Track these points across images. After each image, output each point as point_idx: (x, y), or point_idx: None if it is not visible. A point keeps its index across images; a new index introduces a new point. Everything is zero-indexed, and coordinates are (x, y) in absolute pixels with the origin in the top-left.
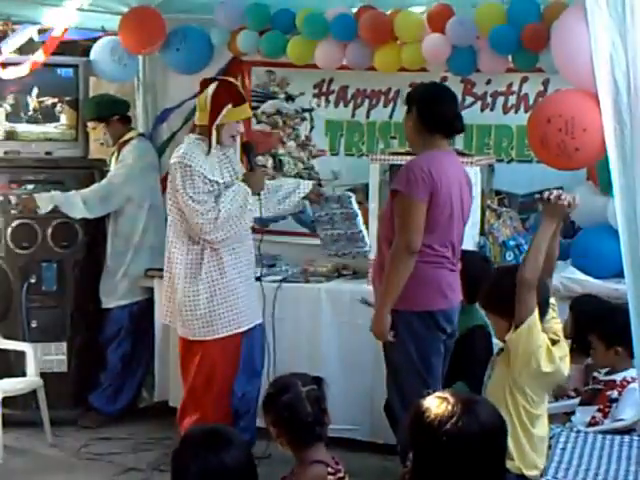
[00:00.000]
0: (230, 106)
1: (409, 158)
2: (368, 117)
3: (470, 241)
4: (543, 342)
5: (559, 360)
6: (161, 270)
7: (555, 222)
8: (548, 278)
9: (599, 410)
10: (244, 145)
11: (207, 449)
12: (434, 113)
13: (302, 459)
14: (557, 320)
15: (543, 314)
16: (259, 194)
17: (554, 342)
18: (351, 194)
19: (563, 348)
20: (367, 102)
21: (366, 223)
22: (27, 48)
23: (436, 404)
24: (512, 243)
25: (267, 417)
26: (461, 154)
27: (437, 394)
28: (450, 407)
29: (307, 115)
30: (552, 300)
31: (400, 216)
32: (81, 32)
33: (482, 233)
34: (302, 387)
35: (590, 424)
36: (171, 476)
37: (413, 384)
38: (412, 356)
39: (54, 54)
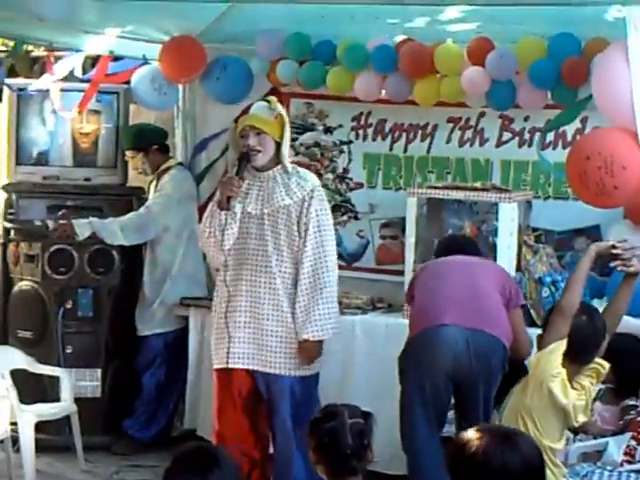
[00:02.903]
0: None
1: (446, 192)
2: (406, 151)
3: None
4: (561, 375)
5: (573, 402)
6: (196, 299)
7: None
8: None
9: (633, 437)
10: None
11: (194, 469)
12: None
13: None
14: (593, 381)
15: (587, 362)
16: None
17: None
18: None
19: (581, 398)
20: (405, 136)
21: (403, 257)
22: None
23: (477, 437)
24: (548, 279)
25: (309, 441)
26: (498, 189)
27: (476, 427)
28: (492, 441)
29: (345, 148)
30: (603, 365)
31: None
32: (123, 65)
33: (518, 269)
34: (348, 418)
35: (625, 453)
36: None
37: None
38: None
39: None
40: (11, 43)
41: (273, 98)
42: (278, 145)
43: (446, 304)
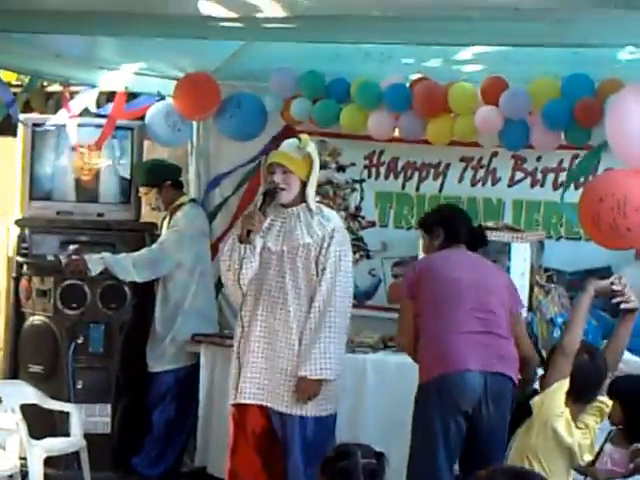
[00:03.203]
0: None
1: None
2: (418, 190)
3: None
4: (565, 414)
5: (578, 441)
6: (208, 336)
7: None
8: (610, 370)
9: None
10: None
11: None
12: (468, 231)
13: None
14: (597, 420)
15: (590, 400)
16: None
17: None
18: None
19: (586, 437)
20: (417, 175)
21: None
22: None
23: (489, 477)
24: (560, 320)
25: (321, 479)
26: (510, 229)
27: (488, 468)
28: None
29: (357, 186)
30: (606, 403)
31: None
32: (138, 103)
33: (530, 309)
34: (361, 458)
35: None
36: None
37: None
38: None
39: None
40: (26, 78)
41: (305, 137)
42: (304, 183)
43: (467, 347)
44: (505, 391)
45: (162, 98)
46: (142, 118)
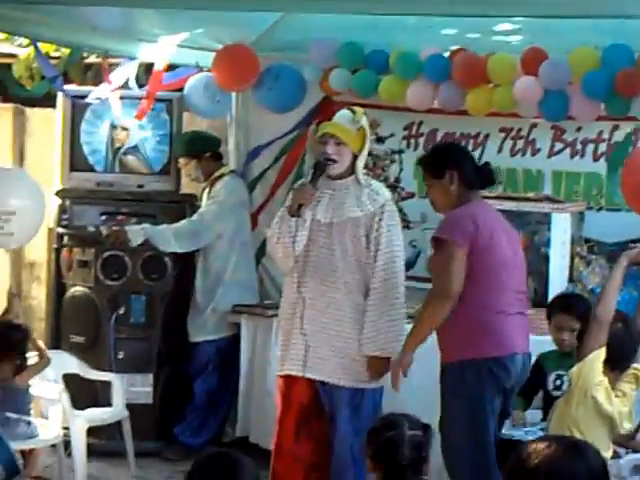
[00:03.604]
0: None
1: (499, 202)
2: None
3: (559, 288)
4: (604, 382)
5: (618, 409)
6: (249, 306)
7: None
8: None
9: None
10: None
11: (211, 474)
12: (477, 172)
13: None
14: (633, 387)
15: (626, 368)
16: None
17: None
18: None
19: (625, 404)
20: None
21: None
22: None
23: (544, 446)
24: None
25: (367, 449)
26: (551, 200)
27: (539, 438)
28: (561, 450)
29: (396, 157)
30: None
31: (438, 262)
32: (176, 74)
33: (571, 280)
34: (407, 429)
35: None
36: None
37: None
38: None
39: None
40: (65, 49)
41: (359, 109)
42: (355, 156)
43: (515, 330)
44: (529, 369)
45: (201, 70)
46: (181, 90)
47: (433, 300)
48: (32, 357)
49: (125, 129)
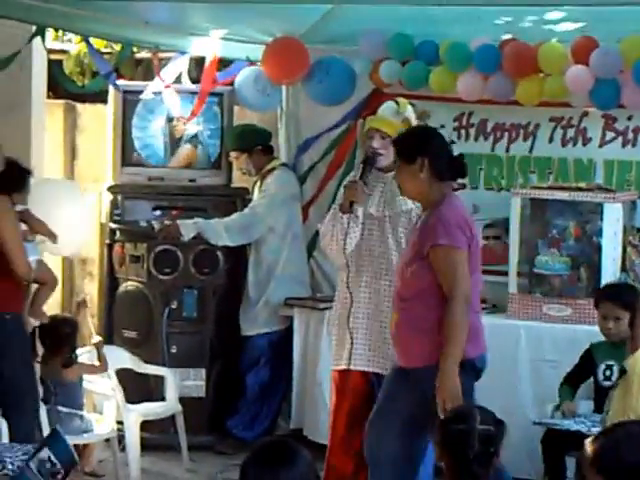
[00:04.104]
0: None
1: (551, 192)
2: (508, 151)
3: (611, 278)
4: None
5: None
6: (301, 299)
7: None
8: None
9: None
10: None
11: (267, 463)
12: (449, 161)
13: None
14: None
15: None
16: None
17: None
18: None
19: None
20: (507, 136)
21: (506, 258)
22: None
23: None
24: None
25: (437, 435)
26: (602, 189)
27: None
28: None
29: None
30: None
31: (449, 269)
32: (229, 72)
33: (623, 269)
34: (479, 423)
35: None
36: None
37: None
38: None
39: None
40: (116, 45)
41: (403, 100)
42: None
43: (481, 327)
44: None
45: (251, 63)
46: (231, 83)
47: (458, 308)
48: (82, 354)
49: (182, 121)
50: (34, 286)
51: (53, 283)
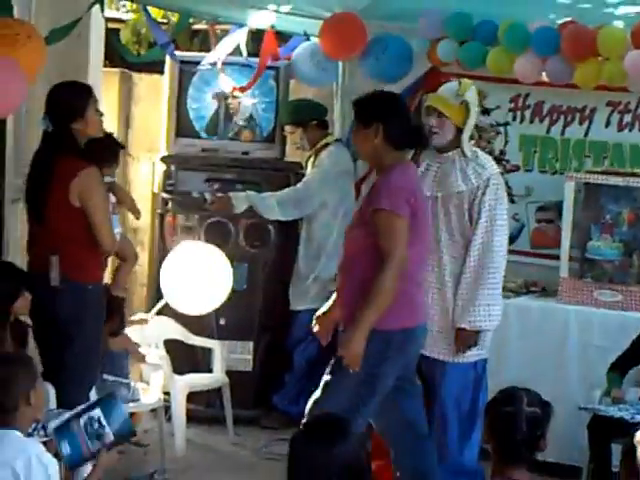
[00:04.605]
0: None
1: (606, 177)
2: (563, 134)
3: None
4: None
5: None
6: None
7: None
8: None
9: None
10: None
11: (318, 438)
12: (403, 128)
13: (501, 473)
14: None
15: None
16: None
17: None
18: None
19: None
20: (562, 119)
21: (558, 241)
22: None
23: None
24: None
25: (485, 419)
26: None
27: None
28: None
29: (502, 129)
30: None
31: (387, 234)
32: (287, 49)
33: None
34: (526, 405)
35: None
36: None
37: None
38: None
39: (257, 55)
40: (172, 16)
41: (466, 82)
42: (460, 130)
43: (421, 298)
44: None
45: (307, 38)
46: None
47: (391, 275)
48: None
49: (236, 96)
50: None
51: (134, 258)
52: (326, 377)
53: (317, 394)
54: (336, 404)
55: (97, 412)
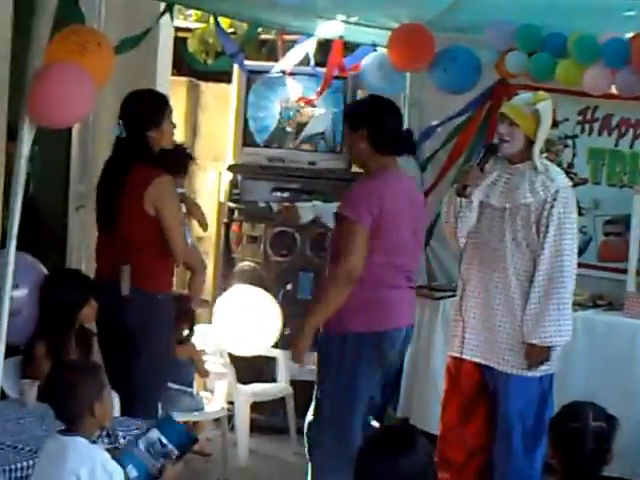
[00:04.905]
0: None
1: None
2: (632, 147)
3: None
4: None
5: None
6: (417, 288)
7: None
8: None
9: None
10: (488, 145)
11: (384, 449)
12: (388, 134)
13: None
14: None
15: None
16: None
17: None
18: None
19: None
20: (632, 132)
21: (626, 255)
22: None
23: None
24: None
25: (550, 435)
26: None
27: None
28: None
29: (570, 142)
30: None
31: (344, 241)
32: (354, 59)
33: None
34: (592, 421)
35: None
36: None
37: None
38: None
39: (324, 65)
40: (241, 25)
41: (542, 94)
42: (531, 141)
43: (404, 302)
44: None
45: (374, 49)
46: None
47: (339, 280)
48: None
49: (302, 107)
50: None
51: (203, 269)
52: (315, 392)
53: (310, 411)
54: (328, 417)
55: (155, 433)
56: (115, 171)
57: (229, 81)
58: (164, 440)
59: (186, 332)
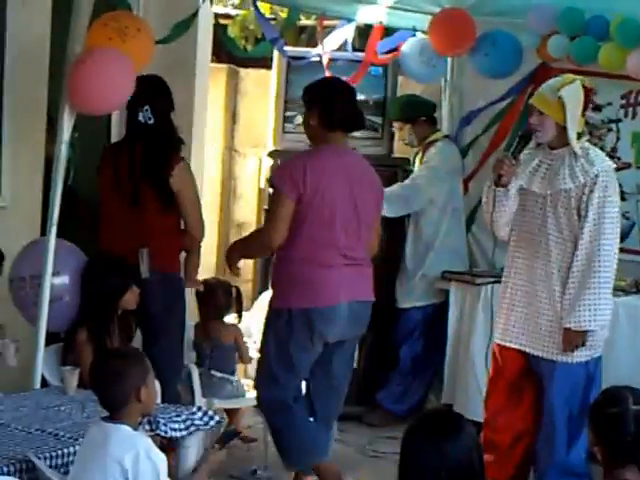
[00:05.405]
0: None
1: None
2: None
3: None
4: None
5: None
6: (458, 273)
7: None
8: None
9: None
10: (523, 133)
11: (431, 433)
12: (336, 112)
13: (612, 475)
14: None
15: None
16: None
17: None
18: None
19: None
20: None
21: None
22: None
23: None
24: None
25: (590, 422)
26: None
27: None
28: None
29: (613, 126)
30: None
31: (270, 207)
32: (392, 41)
33: None
34: (632, 404)
35: None
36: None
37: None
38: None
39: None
40: (280, 11)
41: (567, 77)
42: (563, 126)
43: (341, 280)
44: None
45: (414, 34)
46: (391, 51)
47: (257, 244)
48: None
49: None
50: None
51: (197, 248)
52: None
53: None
54: (262, 380)
55: None
56: (146, 157)
57: (268, 67)
58: None
59: (233, 317)
